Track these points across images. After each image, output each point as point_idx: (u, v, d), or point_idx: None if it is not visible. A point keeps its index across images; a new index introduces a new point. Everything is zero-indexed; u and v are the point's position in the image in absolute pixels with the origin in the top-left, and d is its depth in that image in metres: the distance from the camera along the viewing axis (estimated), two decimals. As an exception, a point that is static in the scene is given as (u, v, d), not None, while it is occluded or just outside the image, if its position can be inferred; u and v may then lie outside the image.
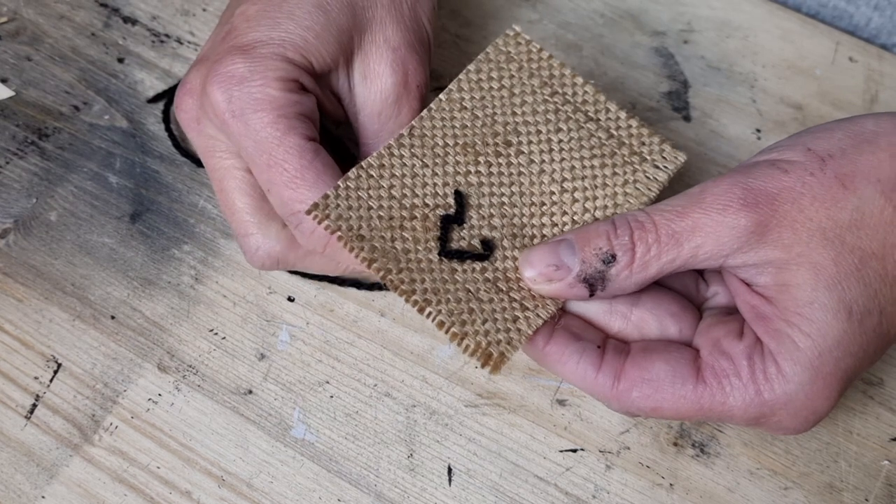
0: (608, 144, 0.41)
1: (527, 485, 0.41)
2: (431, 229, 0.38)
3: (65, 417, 0.42)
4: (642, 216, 0.36)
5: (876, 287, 0.35)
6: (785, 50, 0.53)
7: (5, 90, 0.50)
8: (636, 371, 0.36)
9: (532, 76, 0.42)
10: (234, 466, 0.41)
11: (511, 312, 0.37)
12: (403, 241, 0.38)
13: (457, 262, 0.38)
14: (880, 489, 0.41)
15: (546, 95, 0.42)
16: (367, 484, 0.40)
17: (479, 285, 0.37)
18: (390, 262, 0.37)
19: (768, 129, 0.50)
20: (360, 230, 0.37)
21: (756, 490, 0.41)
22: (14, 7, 0.53)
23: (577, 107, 0.42)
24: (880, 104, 0.51)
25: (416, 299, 0.36)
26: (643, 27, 0.54)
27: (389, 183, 0.39)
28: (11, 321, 0.44)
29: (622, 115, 0.42)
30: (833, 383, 0.35)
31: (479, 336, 0.36)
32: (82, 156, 0.48)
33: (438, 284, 0.37)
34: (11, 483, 0.40)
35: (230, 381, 0.43)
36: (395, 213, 0.38)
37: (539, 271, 0.37)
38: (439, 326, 0.36)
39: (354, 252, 0.37)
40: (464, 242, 0.38)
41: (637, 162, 0.41)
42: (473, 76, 0.42)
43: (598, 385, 0.36)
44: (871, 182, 0.35)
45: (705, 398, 0.35)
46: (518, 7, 0.54)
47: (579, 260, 0.36)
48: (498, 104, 0.42)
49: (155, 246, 0.46)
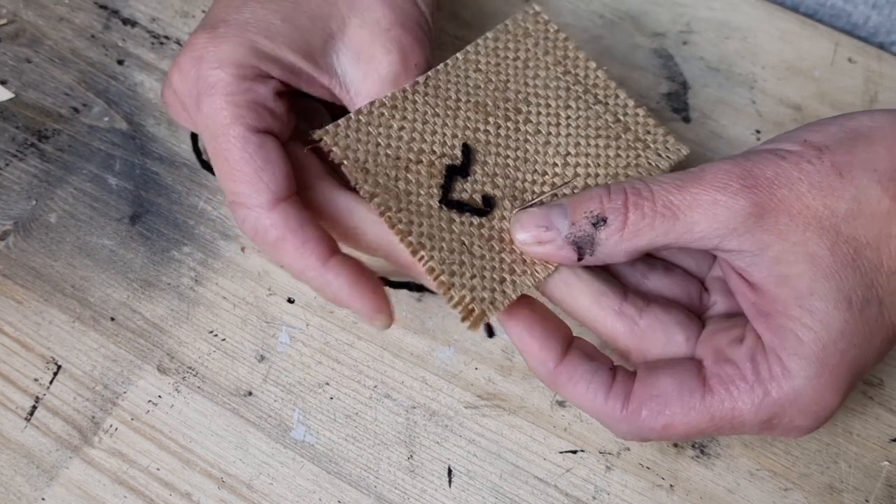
0: (614, 127, 0.41)
1: (527, 486, 0.41)
2: (435, 176, 0.38)
3: (64, 419, 0.42)
4: (639, 184, 0.36)
5: (872, 277, 0.34)
6: (784, 51, 0.53)
7: (5, 92, 0.50)
8: (643, 389, 0.36)
9: (547, 53, 0.43)
10: (234, 468, 0.41)
11: (500, 273, 0.37)
12: (406, 182, 0.38)
13: (455, 213, 0.38)
14: (880, 490, 0.41)
15: (559, 73, 0.43)
16: (367, 485, 0.40)
17: (474, 240, 0.38)
18: (391, 199, 0.37)
19: (768, 130, 0.50)
20: (365, 163, 0.37)
21: (756, 491, 0.41)
22: (13, 9, 0.53)
23: (588, 88, 0.42)
24: (879, 105, 0.51)
25: (410, 241, 0.36)
26: (643, 28, 0.54)
27: (400, 125, 0.39)
28: (11, 323, 0.44)
29: (630, 102, 0.42)
30: (840, 375, 0.34)
31: (465, 290, 0.36)
32: (82, 157, 0.48)
33: (435, 231, 0.37)
34: (11, 485, 0.40)
35: (230, 383, 0.43)
36: (402, 154, 0.38)
37: (530, 233, 0.37)
38: (429, 272, 0.36)
39: (358, 184, 0.37)
40: (465, 195, 0.39)
41: (640, 148, 0.41)
42: (491, 43, 0.43)
43: (607, 408, 0.36)
44: (868, 172, 0.35)
45: (715, 407, 0.35)
46: (517, 9, 0.54)
47: (569, 222, 0.36)
48: (511, 72, 0.42)
49: (155, 248, 0.46)
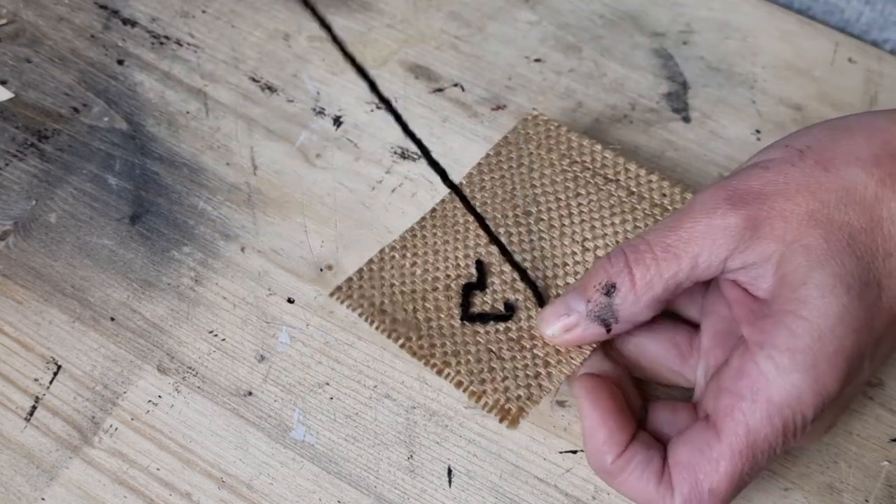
0: (628, 201, 0.41)
1: (527, 486, 0.41)
2: (453, 297, 0.39)
3: (64, 419, 0.42)
4: (635, 240, 0.36)
5: (868, 260, 0.34)
6: (784, 51, 0.53)
7: (5, 92, 0.50)
8: (671, 467, 0.36)
9: (551, 151, 0.43)
10: (234, 468, 0.41)
11: (533, 369, 0.37)
12: (425, 311, 0.38)
13: (479, 325, 0.38)
14: (880, 490, 0.41)
15: (565, 165, 0.42)
16: (367, 485, 0.40)
17: (502, 345, 0.38)
18: (411, 330, 0.37)
19: (768, 131, 0.50)
20: (382, 305, 0.38)
21: (756, 491, 0.41)
22: (13, 9, 0.53)
23: (596, 171, 0.42)
24: (879, 105, 0.51)
25: (434, 362, 0.37)
26: (642, 28, 0.54)
27: (412, 262, 0.39)
28: (11, 323, 0.44)
29: (642, 172, 0.42)
30: (838, 362, 0.34)
31: (499, 393, 0.36)
32: (82, 158, 0.48)
33: (459, 347, 0.37)
34: (11, 485, 0.40)
35: (230, 383, 0.43)
36: (418, 287, 0.39)
37: (555, 325, 0.37)
38: (457, 386, 0.36)
39: (376, 326, 0.37)
40: (487, 307, 0.39)
41: (658, 213, 0.41)
42: (493, 159, 0.43)
43: (658, 496, 0.36)
44: (851, 162, 0.35)
45: (732, 439, 0.34)
46: (517, 9, 0.54)
47: (585, 300, 0.37)
48: (517, 180, 0.42)
49: (155, 248, 0.46)
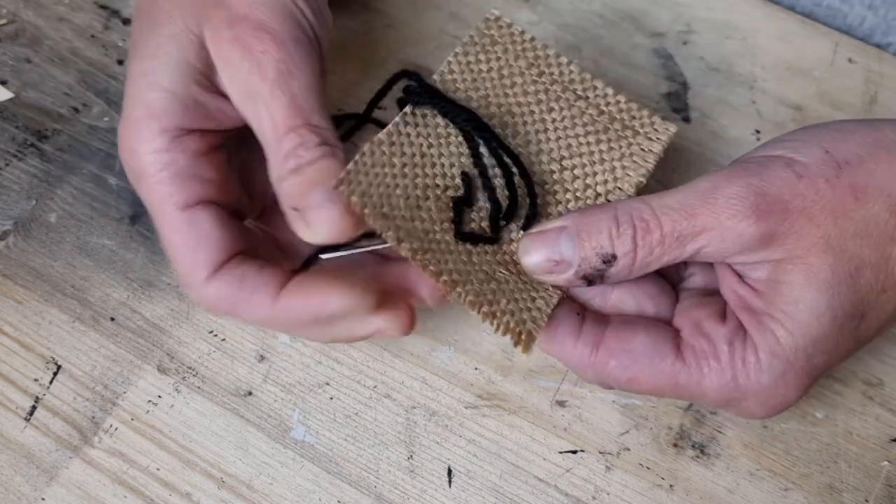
0: (600, 120, 0.42)
1: (527, 486, 0.41)
2: (444, 210, 0.38)
3: (64, 419, 0.42)
4: (647, 213, 0.36)
5: (863, 294, 0.35)
6: (784, 51, 0.53)
7: (5, 92, 0.50)
8: (616, 342, 0.37)
9: (518, 58, 0.43)
10: (234, 468, 0.41)
11: (528, 293, 0.37)
12: (422, 221, 0.38)
13: (470, 245, 0.38)
14: (880, 490, 0.41)
15: (534, 76, 0.42)
16: (367, 485, 0.40)
17: (494, 267, 0.38)
18: (415, 241, 0.37)
19: (768, 131, 0.50)
20: (382, 208, 0.37)
21: (756, 491, 0.41)
22: (13, 9, 0.53)
23: (566, 86, 0.42)
24: (879, 105, 0.51)
25: (445, 279, 0.36)
26: (643, 28, 0.54)
27: (401, 161, 0.39)
28: (11, 323, 0.44)
29: (609, 91, 0.42)
30: (803, 377, 0.36)
31: (507, 316, 0.36)
32: (82, 157, 0.48)
33: (460, 265, 0.37)
34: (11, 485, 0.40)
35: (230, 383, 0.43)
36: (411, 193, 0.38)
37: (538, 263, 0.37)
38: (470, 306, 0.36)
39: (381, 230, 0.37)
40: (475, 224, 0.39)
41: (630, 135, 0.41)
42: (462, 58, 0.42)
43: (575, 353, 0.37)
44: (882, 196, 0.35)
45: (682, 376, 0.36)
46: (517, 9, 0.54)
47: (579, 258, 0.36)
48: (489, 85, 0.42)
49: (155, 248, 0.46)
